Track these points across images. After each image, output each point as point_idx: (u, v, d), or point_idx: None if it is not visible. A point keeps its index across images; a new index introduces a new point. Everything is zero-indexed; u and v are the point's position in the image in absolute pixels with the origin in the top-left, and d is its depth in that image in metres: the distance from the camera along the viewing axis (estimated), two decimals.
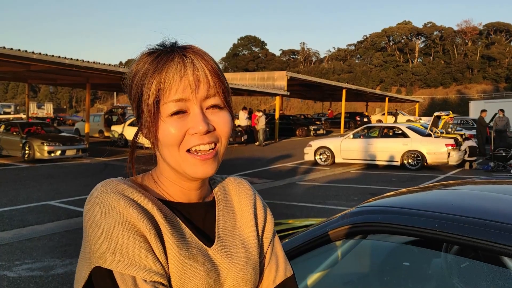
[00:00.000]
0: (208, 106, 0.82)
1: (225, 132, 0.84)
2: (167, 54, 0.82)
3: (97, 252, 0.76)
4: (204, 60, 0.82)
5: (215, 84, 0.82)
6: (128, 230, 0.76)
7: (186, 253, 0.81)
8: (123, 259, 0.75)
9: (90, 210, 0.80)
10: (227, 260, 0.88)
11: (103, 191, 0.80)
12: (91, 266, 0.77)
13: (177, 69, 0.79)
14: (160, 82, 0.79)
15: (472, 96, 63.84)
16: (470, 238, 1.26)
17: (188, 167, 0.82)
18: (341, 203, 8.55)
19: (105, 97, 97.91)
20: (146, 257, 0.76)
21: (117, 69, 16.56)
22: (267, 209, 1.03)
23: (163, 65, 0.80)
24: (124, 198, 0.79)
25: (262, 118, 21.19)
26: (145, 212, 0.80)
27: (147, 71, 0.81)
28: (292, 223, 3.17)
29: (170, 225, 0.82)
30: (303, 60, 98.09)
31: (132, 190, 0.82)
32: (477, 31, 79.91)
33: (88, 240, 0.79)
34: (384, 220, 1.48)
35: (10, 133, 15.83)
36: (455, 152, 13.01)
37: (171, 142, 0.81)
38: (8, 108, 43.99)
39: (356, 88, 35.58)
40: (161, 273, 0.77)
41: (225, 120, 0.84)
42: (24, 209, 7.86)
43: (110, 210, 0.78)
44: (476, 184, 2.10)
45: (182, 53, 0.81)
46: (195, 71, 0.80)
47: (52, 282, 4.54)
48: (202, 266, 0.82)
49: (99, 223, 0.77)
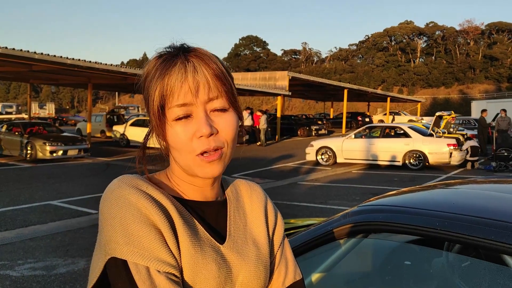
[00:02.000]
0: (212, 109, 0.84)
1: (229, 134, 0.86)
2: (171, 58, 0.84)
3: (112, 243, 0.79)
4: (205, 64, 0.83)
5: (217, 86, 0.83)
6: (143, 222, 0.79)
7: (198, 247, 0.83)
8: (138, 250, 0.77)
9: (106, 203, 0.82)
10: (239, 257, 0.89)
11: (119, 185, 0.83)
12: (106, 257, 0.79)
13: (178, 75, 0.81)
14: (163, 88, 0.82)
15: (474, 96, 63.73)
16: (472, 236, 1.26)
17: (197, 168, 0.85)
18: (342, 203, 8.55)
19: (107, 97, 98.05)
20: (160, 249, 0.78)
21: (118, 69, 16.57)
22: (277, 212, 1.05)
23: (166, 70, 0.82)
24: (139, 192, 0.81)
25: (263, 118, 21.24)
26: (159, 206, 0.82)
27: (153, 77, 0.84)
28: (294, 222, 3.17)
29: (183, 220, 0.84)
30: (305, 60, 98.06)
31: (147, 185, 0.84)
32: (479, 31, 79.77)
33: (104, 232, 0.81)
34: (385, 219, 1.49)
35: (12, 133, 15.86)
36: (457, 152, 12.99)
37: (179, 146, 0.83)
38: (10, 108, 44.04)
39: (357, 88, 35.54)
40: (174, 265, 0.79)
41: (228, 122, 0.85)
42: (27, 208, 7.88)
43: (126, 203, 0.80)
44: (478, 183, 2.10)
45: (185, 57, 0.83)
46: (195, 75, 0.82)
47: (55, 282, 4.55)
48: (213, 261, 0.84)
49: (115, 216, 0.79)
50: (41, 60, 13.68)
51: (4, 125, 16.96)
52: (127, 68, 17.93)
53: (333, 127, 34.64)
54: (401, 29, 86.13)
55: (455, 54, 79.20)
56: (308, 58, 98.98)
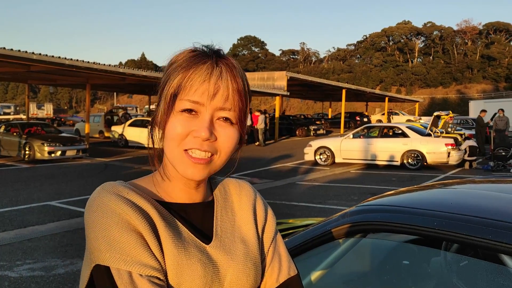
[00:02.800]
0: (219, 117, 0.84)
1: (225, 147, 0.85)
2: (204, 57, 0.85)
3: (95, 250, 0.80)
4: (232, 75, 0.84)
5: (234, 100, 0.84)
6: (124, 228, 0.79)
7: (182, 248, 0.83)
8: (119, 256, 0.78)
9: (89, 211, 0.83)
10: (226, 256, 0.89)
11: (100, 193, 0.83)
12: (91, 265, 0.80)
13: (204, 73, 0.82)
14: (184, 79, 0.83)
15: (472, 96, 63.83)
16: (469, 236, 1.27)
17: (179, 164, 0.84)
18: (341, 203, 8.56)
19: (105, 98, 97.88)
20: (142, 253, 0.79)
21: (117, 69, 16.56)
22: (268, 208, 1.04)
23: (194, 65, 0.84)
24: (120, 198, 0.82)
25: (261, 117, 21.27)
26: (140, 210, 0.82)
27: (179, 65, 0.85)
28: (292, 222, 3.17)
29: (165, 223, 0.85)
30: (303, 60, 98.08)
31: (128, 191, 0.85)
32: (476, 31, 79.88)
33: (89, 241, 0.82)
34: (383, 219, 1.49)
35: (11, 133, 15.83)
36: (455, 152, 13.01)
37: (174, 137, 0.84)
38: (8, 108, 44.00)
39: (356, 88, 35.57)
40: (157, 268, 0.79)
41: (230, 135, 0.85)
42: (25, 209, 7.87)
43: (106, 210, 0.81)
44: (475, 183, 2.11)
45: (216, 61, 0.85)
46: (218, 81, 0.83)
47: (53, 282, 4.54)
48: (198, 261, 0.84)
49: (97, 223, 0.80)
50: (39, 61, 13.66)
51: (2, 126, 16.92)
52: (125, 69, 17.92)
53: (332, 127, 34.66)
54: (399, 29, 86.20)
55: (453, 54, 79.30)
56: (306, 58, 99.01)
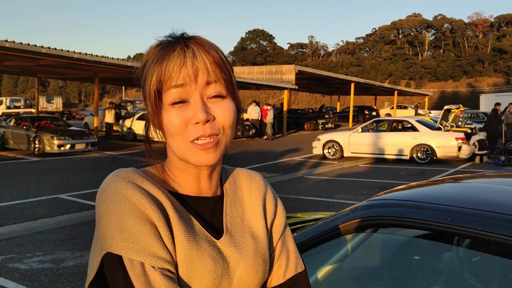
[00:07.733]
0: (209, 96, 0.83)
1: (226, 121, 0.84)
2: (170, 45, 0.83)
3: (108, 238, 0.78)
4: (205, 51, 0.82)
5: (216, 73, 0.82)
6: (138, 217, 0.78)
7: (193, 242, 0.82)
8: (133, 245, 0.77)
9: (101, 198, 0.81)
10: (236, 252, 0.88)
11: (114, 180, 0.82)
12: (102, 252, 0.79)
13: (177, 60, 0.80)
14: (161, 73, 0.81)
15: (482, 89, 63.16)
16: (484, 231, 1.24)
17: (190, 156, 0.83)
18: (349, 197, 8.53)
19: (114, 91, 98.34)
20: (155, 244, 0.78)
21: (125, 63, 16.60)
22: (278, 202, 1.02)
23: (164, 56, 0.81)
24: (135, 187, 0.81)
25: (270, 112, 21.22)
26: (155, 201, 0.81)
27: (151, 62, 0.83)
28: (301, 216, 3.16)
29: (178, 215, 0.83)
30: (311, 54, 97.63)
31: (143, 179, 0.84)
32: (488, 23, 78.87)
33: (100, 227, 0.80)
34: (395, 214, 1.47)
35: (20, 127, 15.96)
36: (466, 146, 12.89)
37: (174, 131, 0.82)
38: (18, 102, 44.27)
39: (364, 81, 35.36)
40: (169, 261, 0.79)
41: (226, 108, 0.84)
42: (35, 202, 7.94)
43: (121, 198, 0.79)
44: (488, 177, 2.07)
45: (184, 44, 0.82)
46: (194, 61, 0.81)
47: (63, 275, 4.58)
48: (209, 256, 0.83)
49: (110, 211, 0.79)
50: (48, 54, 13.73)
51: (13, 119, 17.08)
52: (134, 62, 17.95)
53: (340, 121, 34.52)
54: (408, 22, 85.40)
55: (464, 47, 78.40)
56: (315, 52, 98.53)
